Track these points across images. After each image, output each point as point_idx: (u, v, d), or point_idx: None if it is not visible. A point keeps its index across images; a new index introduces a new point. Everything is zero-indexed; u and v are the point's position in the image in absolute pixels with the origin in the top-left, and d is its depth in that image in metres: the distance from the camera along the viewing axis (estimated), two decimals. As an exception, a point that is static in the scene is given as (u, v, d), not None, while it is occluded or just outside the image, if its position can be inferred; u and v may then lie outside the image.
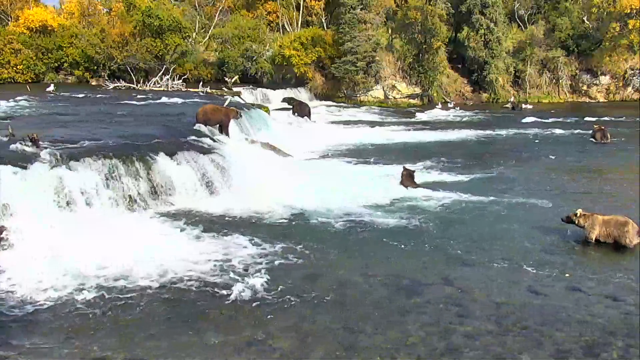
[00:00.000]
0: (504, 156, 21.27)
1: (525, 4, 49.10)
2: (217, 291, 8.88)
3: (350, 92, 42.18)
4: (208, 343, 7.34)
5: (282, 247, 10.84)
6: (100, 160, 12.86)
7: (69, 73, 44.72)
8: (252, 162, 16.80)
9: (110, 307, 8.31)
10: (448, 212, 13.36)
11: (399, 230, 11.97)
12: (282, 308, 8.31)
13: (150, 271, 9.50)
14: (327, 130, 27.72)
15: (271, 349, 7.20)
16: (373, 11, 41.55)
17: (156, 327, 7.75)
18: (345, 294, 8.78)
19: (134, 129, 17.00)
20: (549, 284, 9.15)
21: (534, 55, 44.14)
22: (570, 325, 7.73)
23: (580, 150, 22.51)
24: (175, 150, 14.74)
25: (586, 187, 16.14)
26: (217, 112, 18.80)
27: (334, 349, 7.18)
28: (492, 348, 7.16)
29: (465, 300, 8.56)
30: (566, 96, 45.05)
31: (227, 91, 34.93)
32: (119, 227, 11.39)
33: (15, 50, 42.07)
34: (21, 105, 24.90)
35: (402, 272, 9.70)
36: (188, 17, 47.90)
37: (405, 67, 42.72)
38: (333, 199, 14.31)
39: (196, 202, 13.70)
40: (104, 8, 51.71)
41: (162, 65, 41.28)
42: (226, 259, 10.19)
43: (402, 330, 7.65)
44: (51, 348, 7.16)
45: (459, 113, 36.95)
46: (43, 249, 9.93)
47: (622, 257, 10.46)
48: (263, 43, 45.22)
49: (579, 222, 11.01)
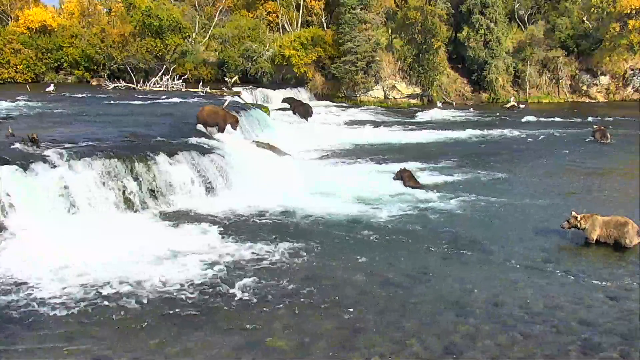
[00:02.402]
0: (503, 156, 21.29)
1: (525, 4, 49.12)
2: (217, 291, 8.88)
3: (350, 92, 42.17)
4: (208, 343, 7.34)
5: (282, 246, 10.84)
6: (100, 160, 12.86)
7: (69, 73, 44.73)
8: (252, 162, 16.79)
9: (110, 307, 8.31)
10: (448, 212, 13.36)
11: (399, 230, 11.97)
12: (282, 308, 8.31)
13: (150, 271, 9.50)
14: (327, 130, 27.70)
15: (271, 349, 7.20)
16: (373, 11, 41.53)
17: (156, 327, 7.74)
18: (345, 294, 8.78)
19: (134, 129, 16.98)
20: (549, 284, 9.15)
21: (534, 55, 44.15)
22: (570, 325, 7.73)
23: (580, 150, 22.51)
24: (175, 150, 14.74)
25: (586, 187, 16.15)
26: (215, 115, 18.82)
27: (334, 349, 7.19)
28: (491, 348, 7.17)
29: (465, 300, 8.57)
30: (566, 96, 45.07)
31: (227, 91, 34.93)
32: (119, 226, 11.40)
33: (15, 50, 42.08)
34: (21, 105, 24.90)
35: (401, 271, 9.70)
36: (188, 17, 47.89)
37: (405, 67, 42.71)
38: (333, 198, 14.33)
39: (196, 202, 13.70)
40: (104, 8, 51.75)
41: (162, 65, 41.30)
42: (226, 259, 10.19)
43: (402, 330, 7.65)
44: (51, 348, 7.15)
45: (459, 113, 36.95)
46: (43, 248, 9.92)
47: (622, 257, 10.47)
48: (263, 43, 45.23)
49: (580, 225, 11.00)
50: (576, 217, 11.03)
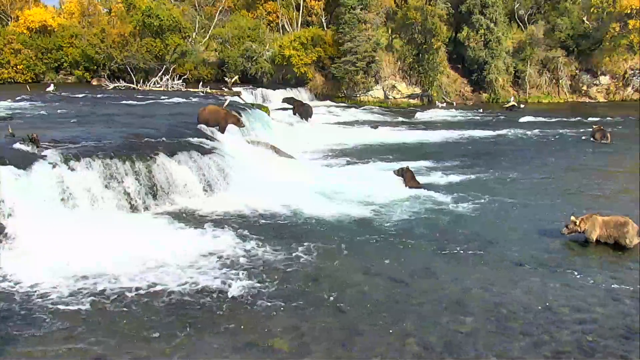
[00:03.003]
0: (503, 156, 21.30)
1: (525, 4, 49.12)
2: (216, 291, 8.88)
3: (350, 92, 42.19)
4: (208, 343, 7.34)
5: (282, 247, 10.85)
6: (100, 160, 12.85)
7: (69, 73, 44.77)
8: (252, 162, 16.81)
9: (110, 306, 8.32)
10: (448, 212, 13.36)
11: (399, 230, 11.98)
12: (281, 308, 8.31)
13: (149, 271, 9.51)
14: (327, 131, 27.73)
15: (271, 349, 7.20)
16: (373, 11, 41.56)
17: (156, 327, 7.74)
18: (345, 294, 8.78)
19: (134, 129, 16.98)
20: (549, 284, 9.15)
21: (534, 55, 44.17)
22: (570, 326, 7.74)
23: (579, 150, 22.52)
24: (175, 150, 14.73)
25: (586, 187, 16.15)
26: (217, 115, 18.82)
27: (334, 349, 7.19)
28: (491, 348, 7.17)
29: (464, 300, 8.57)
30: (566, 96, 45.08)
31: (227, 91, 34.94)
32: (119, 226, 11.38)
33: (15, 50, 42.12)
34: (21, 105, 24.91)
35: (401, 272, 9.71)
36: (188, 17, 47.92)
37: (405, 67, 42.74)
38: (333, 198, 14.33)
39: (196, 202, 13.70)
40: (104, 8, 51.77)
41: (162, 65, 41.32)
42: (226, 259, 10.20)
43: (402, 330, 7.65)
44: (51, 348, 7.16)
45: (459, 113, 36.97)
46: (43, 249, 9.92)
47: (622, 257, 10.47)
48: (263, 43, 45.24)
49: (580, 229, 10.98)
50: (575, 221, 10.99)
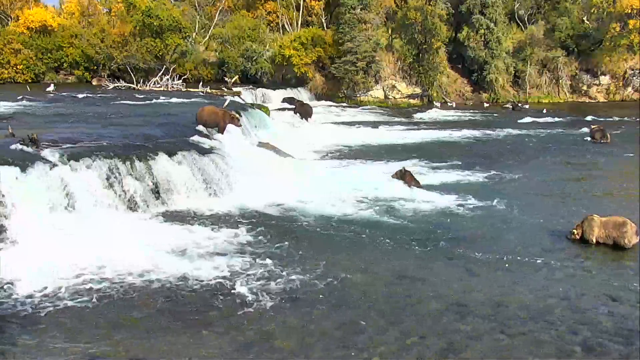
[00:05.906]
0: (503, 156, 21.30)
1: (525, 4, 49.10)
2: (217, 291, 8.89)
3: (350, 92, 42.17)
4: (208, 343, 7.35)
5: (282, 247, 10.85)
6: (100, 160, 12.85)
7: (69, 73, 44.71)
8: (252, 162, 16.80)
9: (110, 307, 8.32)
10: (448, 212, 13.37)
11: (400, 230, 11.98)
12: (282, 308, 8.32)
13: (150, 271, 9.51)
14: (327, 131, 27.71)
15: (271, 349, 7.21)
16: (373, 11, 41.56)
17: (156, 327, 7.75)
18: (345, 294, 8.79)
19: (134, 129, 16.99)
20: (549, 284, 9.16)
21: (533, 55, 44.15)
22: (570, 326, 7.74)
23: (579, 150, 22.53)
24: (175, 150, 14.73)
25: (585, 187, 16.16)
26: (215, 115, 18.84)
27: (334, 349, 7.20)
28: (491, 348, 7.17)
29: (465, 300, 8.57)
30: (566, 96, 45.07)
31: (227, 91, 34.92)
32: (119, 227, 11.39)
33: (15, 50, 42.05)
34: (21, 105, 24.90)
35: (402, 271, 9.71)
36: (188, 17, 47.87)
37: (405, 67, 42.73)
38: (333, 198, 14.33)
39: (196, 202, 13.71)
40: (104, 8, 51.70)
41: (162, 65, 41.29)
42: (226, 259, 10.19)
43: (402, 330, 7.66)
44: (51, 348, 7.16)
45: (458, 113, 36.96)
46: (43, 249, 9.92)
47: (621, 257, 10.47)
48: (263, 43, 45.24)
49: (585, 231, 11.01)
50: (573, 232, 11.09)
